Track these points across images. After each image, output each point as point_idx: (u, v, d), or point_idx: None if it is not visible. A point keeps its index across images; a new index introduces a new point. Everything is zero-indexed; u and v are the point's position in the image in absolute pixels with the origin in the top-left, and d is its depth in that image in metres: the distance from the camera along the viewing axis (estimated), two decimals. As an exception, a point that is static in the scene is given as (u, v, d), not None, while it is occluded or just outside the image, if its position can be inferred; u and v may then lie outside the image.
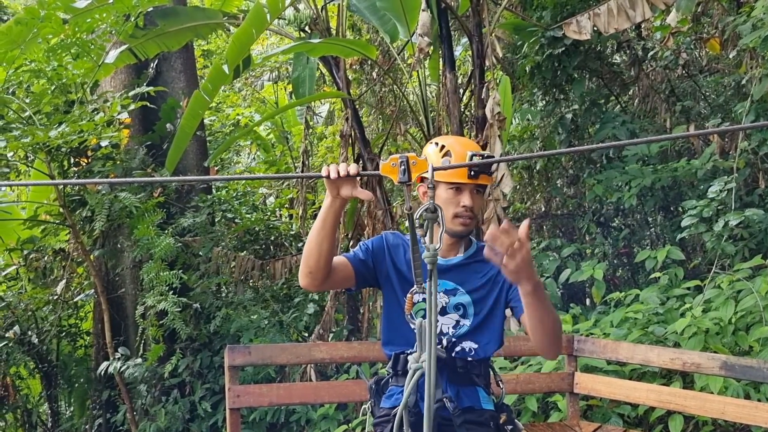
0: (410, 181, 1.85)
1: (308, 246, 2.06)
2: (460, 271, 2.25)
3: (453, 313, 2.25)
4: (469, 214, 2.17)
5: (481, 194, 2.22)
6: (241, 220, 6.25)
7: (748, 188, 5.49)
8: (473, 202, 2.17)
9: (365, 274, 2.25)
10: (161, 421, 5.15)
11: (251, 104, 11.27)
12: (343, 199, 1.98)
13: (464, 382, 2.21)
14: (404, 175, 1.84)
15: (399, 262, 2.25)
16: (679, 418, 3.65)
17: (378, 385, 2.28)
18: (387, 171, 1.88)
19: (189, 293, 5.37)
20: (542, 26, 5.70)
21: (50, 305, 5.76)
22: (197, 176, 5.97)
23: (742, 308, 4.06)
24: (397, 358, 2.23)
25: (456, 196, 2.16)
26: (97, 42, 4.55)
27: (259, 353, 3.24)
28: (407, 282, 2.15)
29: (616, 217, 6.77)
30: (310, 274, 2.08)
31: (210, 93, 4.65)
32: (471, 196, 2.16)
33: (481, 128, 5.31)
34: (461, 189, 2.16)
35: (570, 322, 4.64)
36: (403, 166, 1.84)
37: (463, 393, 2.20)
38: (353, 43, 5.53)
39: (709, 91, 6.95)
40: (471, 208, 2.16)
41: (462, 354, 2.22)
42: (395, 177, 1.85)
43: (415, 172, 1.85)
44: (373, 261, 2.25)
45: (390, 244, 2.28)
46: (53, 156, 4.85)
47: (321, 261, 2.06)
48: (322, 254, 2.05)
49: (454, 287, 2.25)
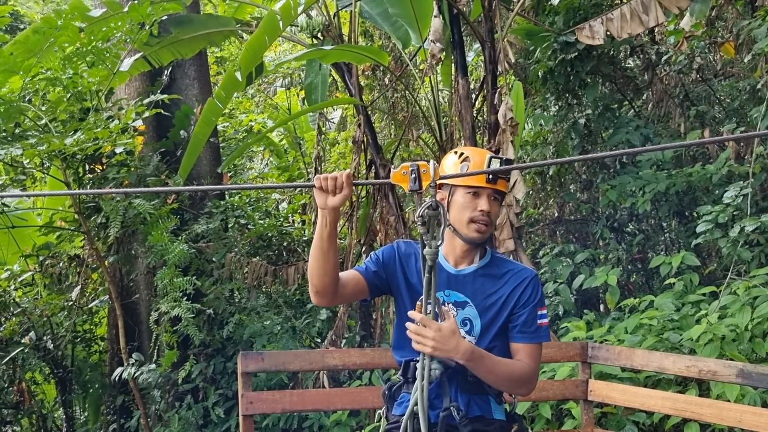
0: (421, 190, 1.85)
1: (311, 266, 2.08)
2: (473, 283, 2.23)
3: (460, 329, 2.23)
4: (486, 219, 2.15)
5: (498, 201, 2.21)
6: (254, 226, 6.28)
7: (764, 193, 5.43)
8: (491, 208, 2.15)
9: (378, 286, 2.25)
10: (174, 426, 5.17)
11: (264, 110, 11.32)
12: (334, 209, 1.99)
13: (475, 391, 2.20)
14: (415, 184, 1.84)
15: (410, 273, 2.24)
16: (695, 426, 3.61)
17: (390, 391, 2.27)
18: (398, 179, 1.88)
19: (202, 299, 5.40)
20: (555, 31, 5.68)
21: (65, 311, 5.81)
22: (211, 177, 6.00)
23: (759, 315, 4.01)
24: (407, 365, 2.22)
25: (473, 200, 2.15)
26: (112, 50, 4.59)
27: (272, 360, 3.24)
28: (417, 292, 2.15)
29: (630, 222, 6.72)
30: (317, 293, 2.11)
31: (223, 100, 4.68)
32: (488, 201, 2.15)
33: (494, 134, 5.30)
34: (479, 194, 2.15)
35: (584, 329, 4.61)
36: (414, 174, 1.84)
37: (473, 402, 2.19)
38: (365, 49, 5.54)
39: (724, 96, 6.89)
40: (488, 213, 2.15)
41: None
42: (406, 185, 1.86)
43: (425, 180, 1.85)
44: (385, 272, 2.25)
45: (401, 254, 2.28)
46: (68, 163, 4.89)
47: (326, 279, 2.07)
48: (326, 272, 2.06)
49: (464, 300, 2.22)
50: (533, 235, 7.11)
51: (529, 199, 6.93)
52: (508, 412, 2.30)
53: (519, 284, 2.21)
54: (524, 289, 2.21)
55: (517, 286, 2.21)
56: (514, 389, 2.18)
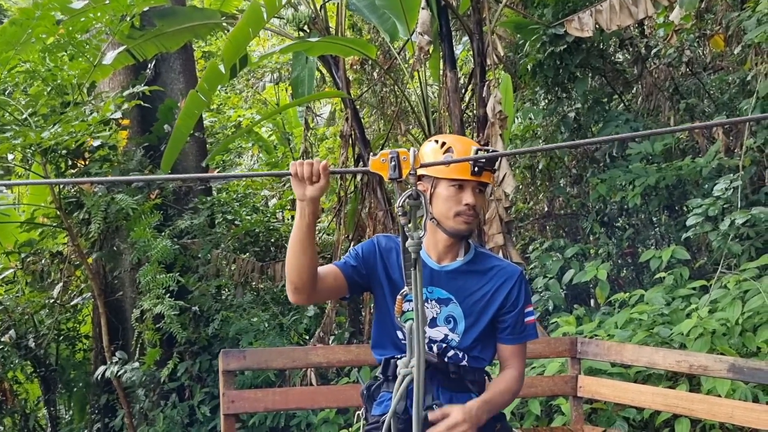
0: (401, 178, 1.77)
1: (288, 261, 1.99)
2: (456, 279, 2.16)
3: (443, 326, 2.16)
4: (472, 212, 2.09)
5: (482, 193, 2.15)
6: (241, 222, 6.20)
7: (753, 186, 5.40)
8: (475, 200, 2.09)
9: (358, 282, 2.17)
10: (160, 425, 5.09)
11: (252, 106, 11.22)
12: (312, 200, 1.90)
13: (458, 389, 2.14)
14: (395, 172, 1.76)
15: (391, 267, 2.17)
16: (686, 421, 3.57)
17: (369, 391, 2.20)
18: (377, 167, 1.80)
19: (188, 296, 5.32)
20: (544, 24, 5.63)
21: (47, 309, 5.71)
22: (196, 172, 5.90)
23: (750, 309, 3.98)
24: (387, 363, 2.16)
25: (458, 193, 2.08)
26: (92, 42, 4.49)
27: (255, 357, 3.17)
28: (399, 288, 2.07)
29: (620, 216, 6.69)
30: (295, 289, 2.02)
31: (206, 93, 4.59)
32: (473, 193, 2.09)
33: (483, 127, 5.25)
34: (463, 186, 2.08)
35: (574, 324, 4.55)
36: (394, 162, 1.76)
37: (456, 399, 2.12)
38: (352, 41, 5.47)
39: (713, 89, 6.86)
40: (473, 206, 2.09)
41: (455, 359, 2.15)
42: (385, 173, 1.78)
43: (405, 169, 1.77)
44: (365, 267, 2.18)
45: (382, 248, 2.20)
46: (49, 158, 4.79)
47: (304, 275, 1.99)
48: (304, 268, 1.98)
49: (447, 297, 2.16)
50: (523, 230, 7.06)
51: (518, 194, 6.88)
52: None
53: (505, 283, 2.16)
54: (511, 289, 2.16)
55: (503, 285, 2.16)
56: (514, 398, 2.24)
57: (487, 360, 2.22)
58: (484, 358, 2.19)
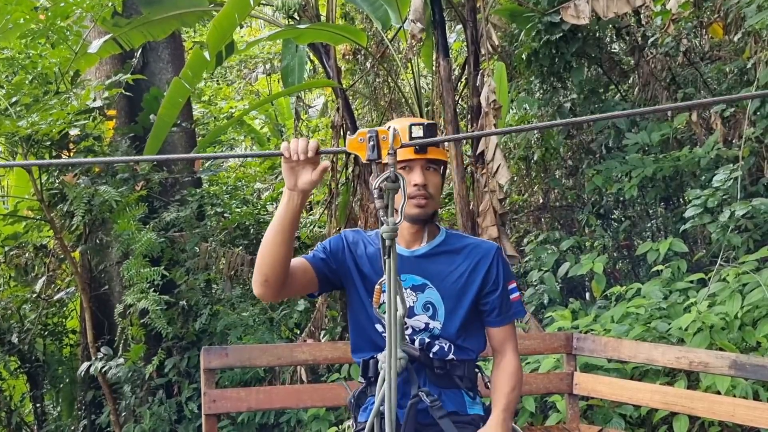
0: (380, 159, 1.66)
1: (263, 251, 1.85)
2: (429, 262, 2.04)
3: (421, 314, 2.04)
4: (423, 192, 1.98)
5: (436, 172, 2.02)
6: (230, 215, 6.07)
7: (752, 178, 5.30)
8: (425, 180, 1.98)
9: (328, 276, 2.05)
10: (147, 422, 4.98)
11: (244, 97, 11.09)
12: (302, 192, 1.77)
13: (445, 385, 2.03)
14: (373, 152, 1.64)
15: (361, 262, 2.06)
16: (684, 419, 3.47)
17: (355, 399, 2.09)
18: (354, 147, 1.68)
19: (175, 290, 5.20)
20: (539, 11, 5.50)
21: (31, 303, 5.58)
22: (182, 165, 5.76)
23: (749, 302, 3.88)
24: (366, 365, 2.05)
25: (407, 175, 1.97)
26: (73, 28, 4.34)
27: (237, 355, 3.05)
28: (371, 282, 1.96)
29: (615, 208, 6.58)
30: (266, 282, 1.88)
31: (190, 80, 4.46)
32: (422, 172, 1.98)
33: (477, 117, 5.14)
34: (411, 167, 1.98)
35: (569, 318, 4.46)
36: (372, 141, 1.64)
37: (446, 396, 2.02)
38: (342, 29, 5.34)
39: (711, 79, 6.74)
40: (424, 186, 1.97)
41: (441, 353, 2.03)
42: (363, 154, 1.66)
43: (385, 149, 1.65)
44: (334, 261, 2.06)
45: (349, 242, 2.09)
46: (32, 149, 4.66)
47: (278, 268, 1.85)
48: (279, 260, 1.84)
49: (422, 282, 2.04)
50: (517, 222, 6.96)
51: (513, 186, 6.77)
52: (485, 405, 2.13)
53: (481, 261, 2.05)
54: (489, 268, 2.05)
55: (479, 263, 2.05)
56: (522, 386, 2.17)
57: (475, 351, 2.10)
58: (472, 349, 2.08)
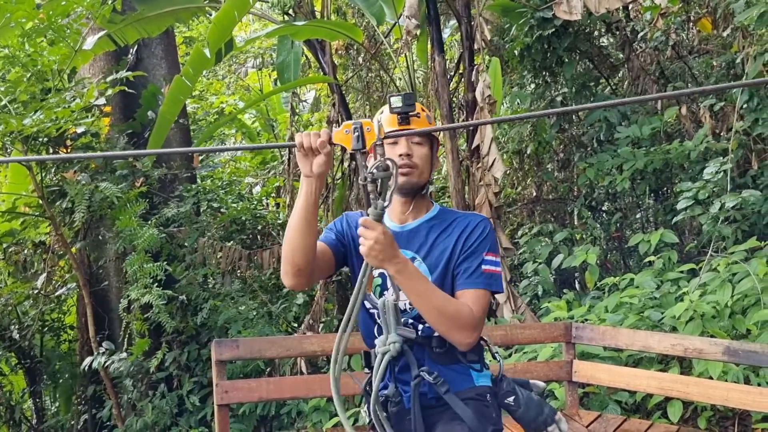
0: (364, 149, 1.74)
1: (291, 242, 1.91)
2: (417, 235, 2.09)
3: None
4: (407, 161, 2.02)
5: (423, 145, 2.07)
6: (226, 210, 6.11)
7: (740, 170, 5.43)
8: (410, 150, 2.04)
9: (342, 252, 2.13)
10: (149, 415, 5.02)
11: (235, 92, 11.09)
12: (319, 176, 1.84)
13: (447, 362, 2.03)
14: (358, 142, 1.74)
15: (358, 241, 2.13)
16: (678, 404, 3.59)
17: (365, 388, 2.15)
18: (339, 139, 1.78)
19: (175, 285, 5.24)
20: (532, 7, 5.58)
21: (31, 299, 5.60)
22: (181, 159, 5.79)
23: (739, 291, 4.00)
24: (367, 356, 2.11)
25: (393, 148, 2.04)
26: (73, 26, 4.37)
27: (248, 347, 3.12)
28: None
29: (606, 201, 6.70)
30: (299, 271, 1.93)
31: (191, 78, 4.50)
32: (407, 143, 2.04)
33: (471, 112, 5.22)
34: (396, 140, 2.04)
35: (564, 309, 4.56)
36: (357, 132, 1.73)
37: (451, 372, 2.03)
38: (339, 25, 5.39)
39: (699, 73, 6.87)
40: (408, 155, 2.03)
41: (428, 331, 2.02)
42: (348, 144, 1.75)
43: (369, 140, 1.74)
44: (343, 237, 2.15)
45: (350, 220, 2.17)
46: (30, 146, 4.68)
47: (309, 254, 1.91)
48: (308, 247, 1.90)
49: (411, 256, 2.06)
50: (511, 215, 7.06)
51: (506, 179, 6.86)
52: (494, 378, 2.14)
53: (464, 229, 2.06)
54: (470, 233, 2.05)
55: (462, 232, 2.06)
56: (452, 330, 1.90)
57: None
58: None
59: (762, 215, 4.73)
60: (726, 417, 3.83)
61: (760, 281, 3.92)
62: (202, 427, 5.11)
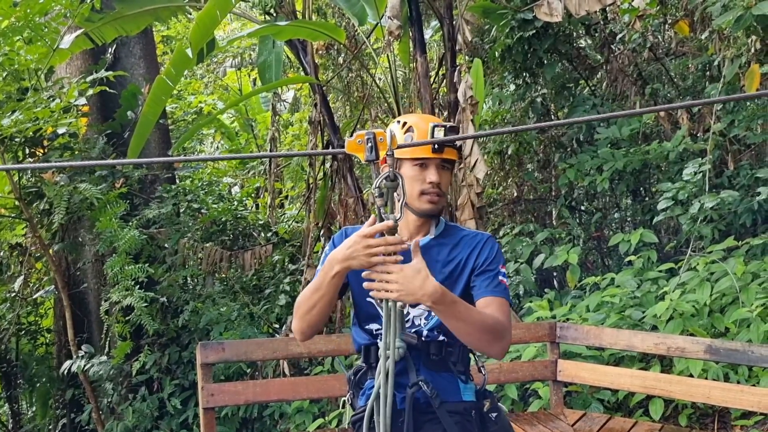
0: (378, 159, 1.74)
1: (311, 310, 1.96)
2: (428, 254, 2.07)
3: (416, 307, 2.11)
4: (437, 190, 2.04)
5: (448, 170, 2.09)
6: (207, 211, 6.07)
7: (716, 170, 5.51)
8: (440, 178, 2.05)
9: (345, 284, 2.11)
10: (129, 419, 4.97)
11: (214, 91, 11.00)
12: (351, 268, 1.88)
13: (440, 369, 2.08)
14: (371, 153, 1.73)
15: None
16: (660, 402, 3.64)
17: (356, 377, 2.16)
18: (353, 149, 1.77)
19: (155, 287, 5.19)
20: (513, 8, 5.61)
21: (8, 303, 5.51)
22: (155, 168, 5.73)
23: (718, 290, 4.07)
24: (368, 350, 2.12)
25: (421, 172, 2.04)
26: (51, 25, 4.30)
27: (234, 349, 3.10)
28: None
29: (585, 201, 6.77)
30: (312, 332, 2.03)
31: (173, 78, 4.45)
32: (437, 171, 2.04)
33: (453, 112, 5.22)
34: (426, 165, 2.04)
35: (547, 308, 4.60)
36: (370, 143, 1.73)
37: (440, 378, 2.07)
38: (321, 25, 5.37)
39: (676, 74, 6.96)
40: (438, 184, 2.04)
41: (432, 336, 2.07)
42: (362, 155, 1.75)
43: (382, 150, 1.74)
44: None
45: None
46: (7, 147, 4.60)
47: (324, 318, 2.01)
48: (325, 314, 1.99)
49: None
50: (493, 215, 7.10)
51: (488, 179, 6.90)
52: (477, 390, 2.20)
53: (475, 246, 2.11)
54: (481, 250, 2.10)
55: (473, 249, 2.11)
56: (490, 343, 1.92)
57: None
58: None
59: (738, 215, 4.82)
60: (706, 414, 3.89)
61: (738, 280, 3.99)
62: (184, 430, 5.07)
